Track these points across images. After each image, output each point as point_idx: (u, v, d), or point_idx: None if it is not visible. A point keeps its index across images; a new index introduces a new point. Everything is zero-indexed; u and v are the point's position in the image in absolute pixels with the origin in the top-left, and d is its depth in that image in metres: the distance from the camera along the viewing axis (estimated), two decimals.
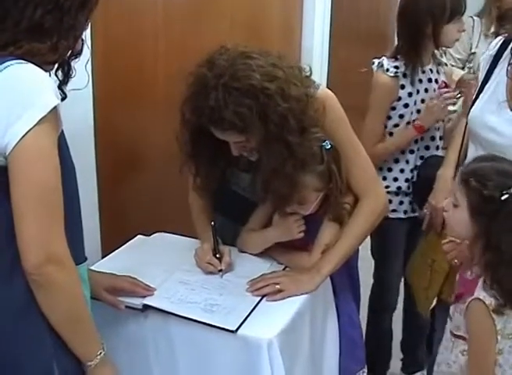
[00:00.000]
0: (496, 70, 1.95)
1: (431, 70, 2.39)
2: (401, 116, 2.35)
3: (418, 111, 2.35)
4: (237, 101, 1.53)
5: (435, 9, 2.23)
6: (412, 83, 2.32)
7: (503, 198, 1.48)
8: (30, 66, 1.19)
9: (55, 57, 1.27)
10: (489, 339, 1.53)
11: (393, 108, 2.35)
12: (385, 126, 2.38)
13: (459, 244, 1.72)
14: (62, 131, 1.25)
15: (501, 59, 1.94)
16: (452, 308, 1.69)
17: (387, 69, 2.31)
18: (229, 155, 1.73)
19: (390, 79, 2.31)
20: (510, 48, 1.91)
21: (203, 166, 1.80)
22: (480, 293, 1.52)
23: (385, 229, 2.15)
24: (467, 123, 2.03)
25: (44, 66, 1.24)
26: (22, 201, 1.15)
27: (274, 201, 1.75)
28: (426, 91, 2.36)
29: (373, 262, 2.61)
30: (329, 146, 1.71)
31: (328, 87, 1.85)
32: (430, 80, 2.37)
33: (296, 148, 1.61)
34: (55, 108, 1.17)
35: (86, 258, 1.38)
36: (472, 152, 1.98)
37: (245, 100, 1.53)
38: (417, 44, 2.30)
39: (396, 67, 2.31)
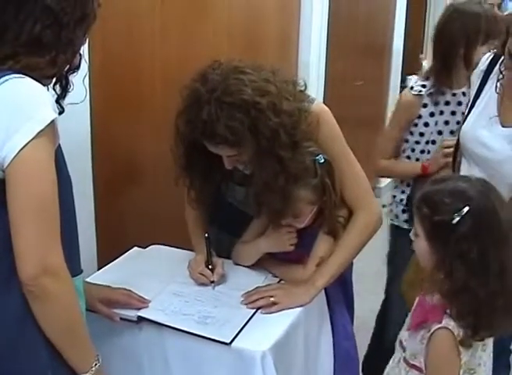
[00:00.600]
0: (487, 86, 1.96)
1: (463, 93, 2.30)
2: (421, 134, 2.34)
3: (440, 132, 2.32)
4: (229, 115, 1.55)
5: (469, 31, 2.22)
6: (436, 104, 2.30)
7: (453, 221, 1.36)
8: (29, 80, 1.20)
9: (54, 71, 1.28)
10: (451, 373, 1.42)
11: (415, 125, 2.33)
12: (407, 141, 2.37)
13: None
14: (59, 145, 1.26)
15: (491, 75, 1.96)
16: (407, 334, 1.53)
17: (411, 87, 2.32)
18: (223, 169, 1.74)
19: (412, 96, 2.31)
20: (499, 63, 1.93)
21: (197, 178, 1.81)
22: (448, 322, 1.40)
23: (397, 239, 2.13)
24: (458, 139, 2.05)
25: (43, 80, 1.25)
26: (19, 213, 1.16)
27: (268, 214, 1.76)
28: (453, 113, 2.31)
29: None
30: (323, 160, 1.72)
31: (324, 99, 1.86)
32: (460, 104, 2.31)
33: (289, 163, 1.62)
34: (52, 122, 1.18)
35: (82, 271, 1.39)
36: (465, 168, 1.99)
37: (237, 114, 1.55)
38: (449, 65, 2.28)
39: (424, 86, 2.30)
